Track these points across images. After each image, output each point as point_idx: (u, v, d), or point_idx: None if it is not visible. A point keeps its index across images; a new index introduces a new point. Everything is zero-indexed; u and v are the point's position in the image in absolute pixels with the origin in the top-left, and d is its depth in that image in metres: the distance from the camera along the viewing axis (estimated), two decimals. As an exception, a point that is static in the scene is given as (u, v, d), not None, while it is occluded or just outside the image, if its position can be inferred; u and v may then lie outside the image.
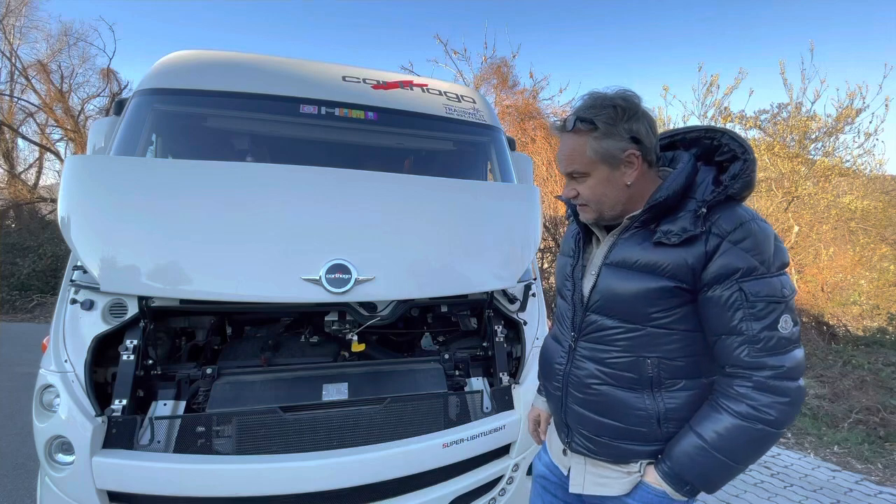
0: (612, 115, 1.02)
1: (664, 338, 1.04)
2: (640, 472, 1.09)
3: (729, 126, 7.62)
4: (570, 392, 1.16)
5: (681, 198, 1.03)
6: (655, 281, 1.02)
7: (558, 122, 1.11)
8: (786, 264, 1.00)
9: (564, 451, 1.24)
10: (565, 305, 1.23)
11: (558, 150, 1.13)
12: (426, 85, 2.92)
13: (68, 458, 1.64)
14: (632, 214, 1.08)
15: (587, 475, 1.17)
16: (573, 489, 1.19)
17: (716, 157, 1.09)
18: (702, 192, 1.03)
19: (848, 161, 7.42)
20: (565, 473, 1.25)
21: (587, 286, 1.15)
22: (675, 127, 1.18)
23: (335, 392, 1.89)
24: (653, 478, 1.06)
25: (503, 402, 2.10)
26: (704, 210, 0.99)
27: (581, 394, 1.13)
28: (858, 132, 7.15)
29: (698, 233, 0.98)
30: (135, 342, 1.81)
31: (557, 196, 1.60)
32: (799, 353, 0.98)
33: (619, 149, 1.03)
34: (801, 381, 0.97)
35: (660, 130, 1.13)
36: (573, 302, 1.19)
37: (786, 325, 0.95)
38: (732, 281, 0.96)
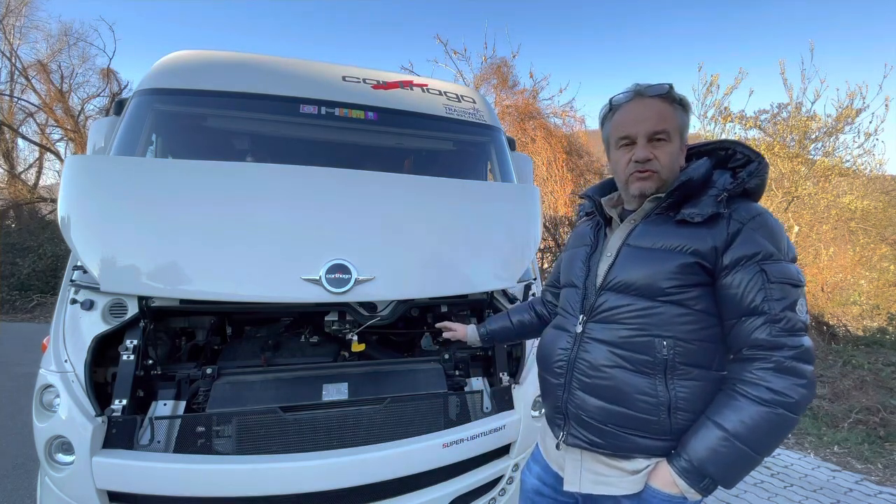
0: (688, 105, 1.15)
1: (679, 317, 1.05)
2: (646, 469, 1.06)
3: (729, 126, 7.63)
4: (574, 377, 1.14)
5: (701, 187, 1.10)
6: (677, 258, 1.05)
7: (642, 87, 1.14)
8: (796, 258, 1.05)
9: (558, 446, 1.21)
10: (573, 292, 1.24)
11: (637, 112, 1.13)
12: (426, 85, 2.92)
13: (68, 458, 1.64)
14: (654, 196, 1.13)
15: (584, 472, 1.15)
16: (568, 487, 1.17)
17: (729, 164, 1.16)
18: (721, 183, 1.10)
19: (848, 161, 7.41)
20: (560, 474, 1.22)
21: (603, 268, 1.17)
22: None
23: (335, 392, 1.89)
24: (663, 479, 1.02)
25: (503, 402, 2.10)
26: (725, 195, 1.06)
27: (588, 378, 1.11)
28: (858, 132, 7.15)
29: (720, 212, 1.04)
30: (135, 342, 1.81)
31: (576, 192, 1.69)
32: (809, 339, 1.01)
33: (686, 131, 1.15)
34: (813, 368, 0.99)
35: None
36: (585, 286, 1.20)
37: (801, 308, 0.99)
38: (753, 262, 1.00)
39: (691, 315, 1.05)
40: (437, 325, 1.72)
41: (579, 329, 1.17)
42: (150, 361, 1.88)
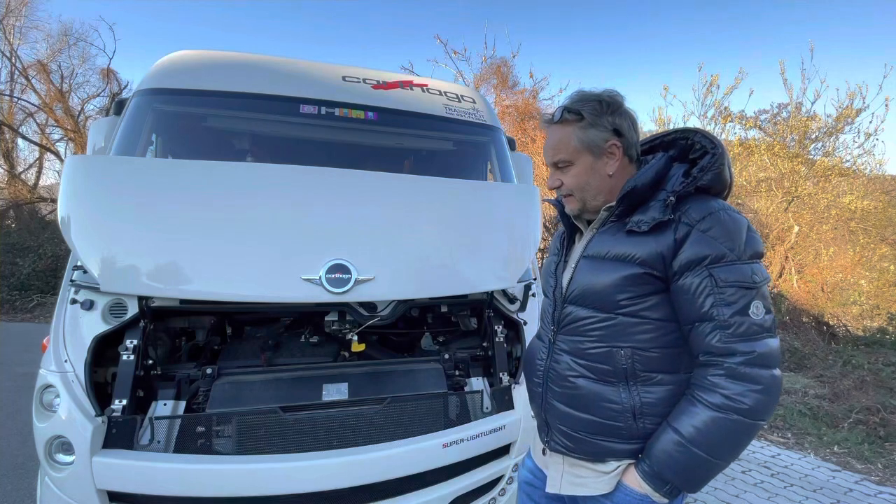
0: (598, 108, 1.10)
1: (635, 327, 1.05)
2: (617, 470, 1.08)
3: (729, 126, 7.64)
4: (549, 387, 1.17)
5: (652, 190, 1.08)
6: (626, 269, 1.04)
7: (546, 116, 1.18)
8: (759, 254, 1.01)
9: (544, 451, 1.25)
10: (547, 302, 1.26)
11: (545, 143, 1.19)
12: (426, 85, 2.92)
13: (68, 458, 1.64)
14: (608, 205, 1.13)
15: (564, 475, 1.17)
16: (550, 489, 1.20)
17: (690, 155, 1.13)
18: (672, 184, 1.08)
19: (848, 161, 7.44)
20: (547, 473, 1.25)
21: (566, 279, 1.19)
22: (655, 132, 1.23)
23: (335, 392, 1.89)
24: (633, 479, 1.05)
25: (503, 402, 2.10)
26: (673, 199, 1.02)
27: (559, 388, 1.15)
28: (858, 132, 7.18)
29: (666, 220, 1.01)
30: (135, 342, 1.80)
31: (546, 199, 1.64)
32: (773, 342, 0.97)
33: (603, 139, 1.10)
34: (777, 371, 0.96)
35: (658, 130, 1.16)
36: (553, 297, 1.22)
37: (757, 311, 0.96)
38: (702, 267, 0.97)
39: (648, 324, 1.05)
40: None
41: (552, 339, 1.20)
42: (150, 361, 1.88)
